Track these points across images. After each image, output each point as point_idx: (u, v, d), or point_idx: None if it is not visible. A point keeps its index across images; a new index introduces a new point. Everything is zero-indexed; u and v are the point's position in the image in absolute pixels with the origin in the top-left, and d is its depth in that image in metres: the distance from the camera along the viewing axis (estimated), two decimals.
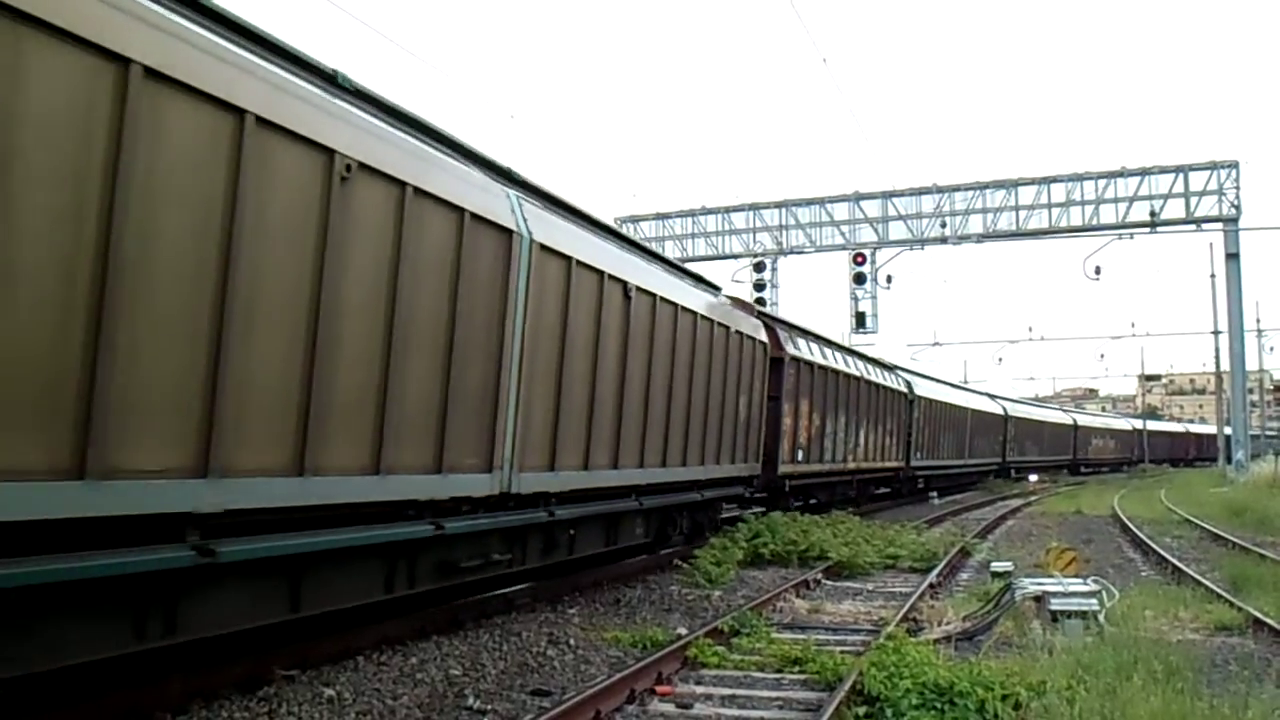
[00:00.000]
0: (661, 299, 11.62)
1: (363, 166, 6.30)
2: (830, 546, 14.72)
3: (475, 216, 7.71)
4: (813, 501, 20.86)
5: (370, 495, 6.61)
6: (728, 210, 38.85)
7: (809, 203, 37.79)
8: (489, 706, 6.57)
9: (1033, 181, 34.57)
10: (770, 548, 14.48)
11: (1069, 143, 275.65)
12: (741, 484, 15.80)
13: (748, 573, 13.28)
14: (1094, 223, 33.83)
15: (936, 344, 61.94)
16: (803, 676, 7.45)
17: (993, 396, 47.00)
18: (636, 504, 11.46)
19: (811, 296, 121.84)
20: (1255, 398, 56.72)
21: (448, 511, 7.57)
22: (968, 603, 10.63)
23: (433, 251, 7.21)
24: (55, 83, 4.43)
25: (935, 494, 33.20)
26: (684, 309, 12.38)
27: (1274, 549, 15.83)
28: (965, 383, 52.99)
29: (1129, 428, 73.96)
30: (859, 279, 33.10)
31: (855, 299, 33.03)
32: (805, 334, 20.24)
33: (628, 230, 31.39)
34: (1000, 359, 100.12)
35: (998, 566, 12.73)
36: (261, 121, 5.53)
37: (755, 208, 38.53)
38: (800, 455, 18.82)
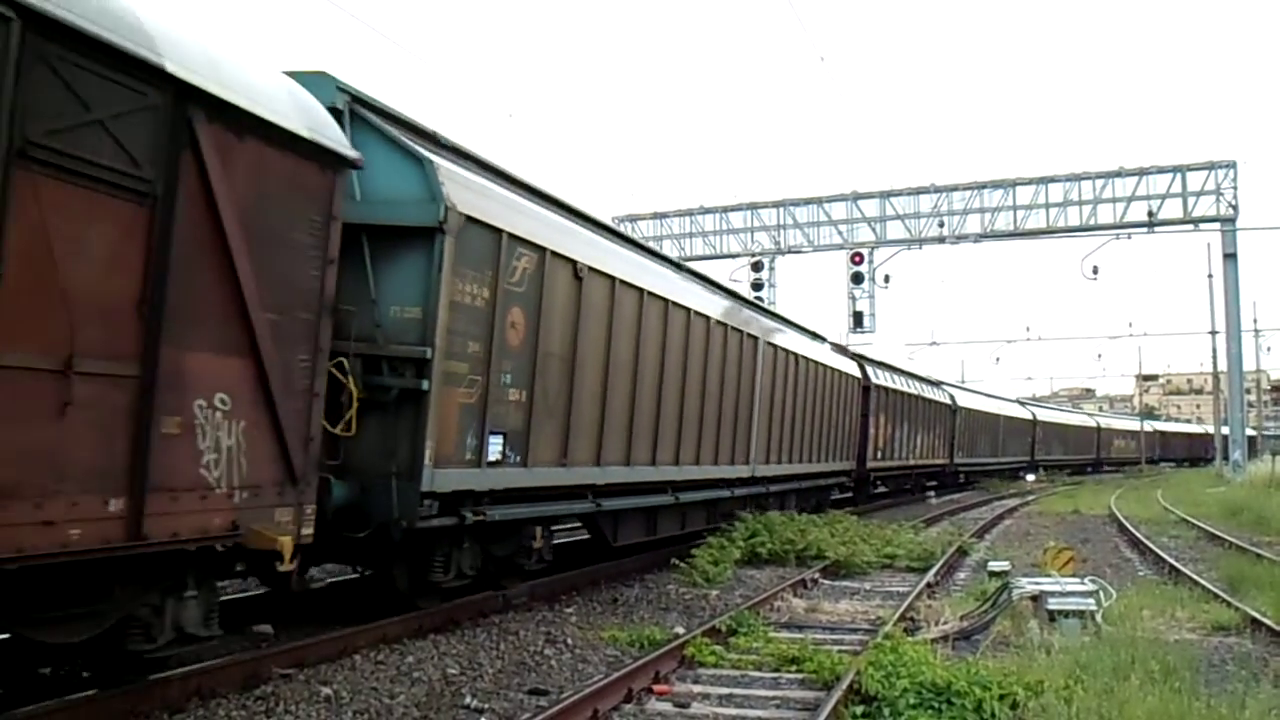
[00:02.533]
0: (813, 361, 19.47)
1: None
2: (827, 546, 14.70)
3: (750, 335, 15.62)
4: (881, 490, 28.97)
5: (714, 474, 14.32)
6: (725, 210, 38.85)
7: (807, 202, 37.81)
8: (486, 705, 6.56)
9: (1030, 181, 34.61)
10: (767, 547, 14.45)
11: (1067, 143, 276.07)
12: (845, 475, 23.44)
13: (745, 572, 13.27)
14: (1091, 222, 33.87)
15: (934, 344, 62.05)
16: (800, 676, 7.44)
17: (1023, 404, 54.87)
18: (797, 485, 19.18)
19: (809, 296, 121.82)
20: (1252, 398, 56.80)
21: (728, 485, 15.08)
22: (965, 602, 10.62)
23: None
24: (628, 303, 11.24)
25: (932, 493, 33.30)
26: (818, 363, 19.98)
27: (1271, 549, 15.84)
28: (964, 383, 53.55)
29: (1150, 429, 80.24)
30: (857, 278, 33.15)
31: (853, 298, 33.12)
32: (883, 365, 28.09)
33: (625, 229, 31.98)
34: (998, 359, 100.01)
35: (995, 566, 12.73)
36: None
37: (753, 207, 38.54)
38: (879, 455, 25.81)
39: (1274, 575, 12.06)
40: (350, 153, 6.79)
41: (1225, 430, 41.72)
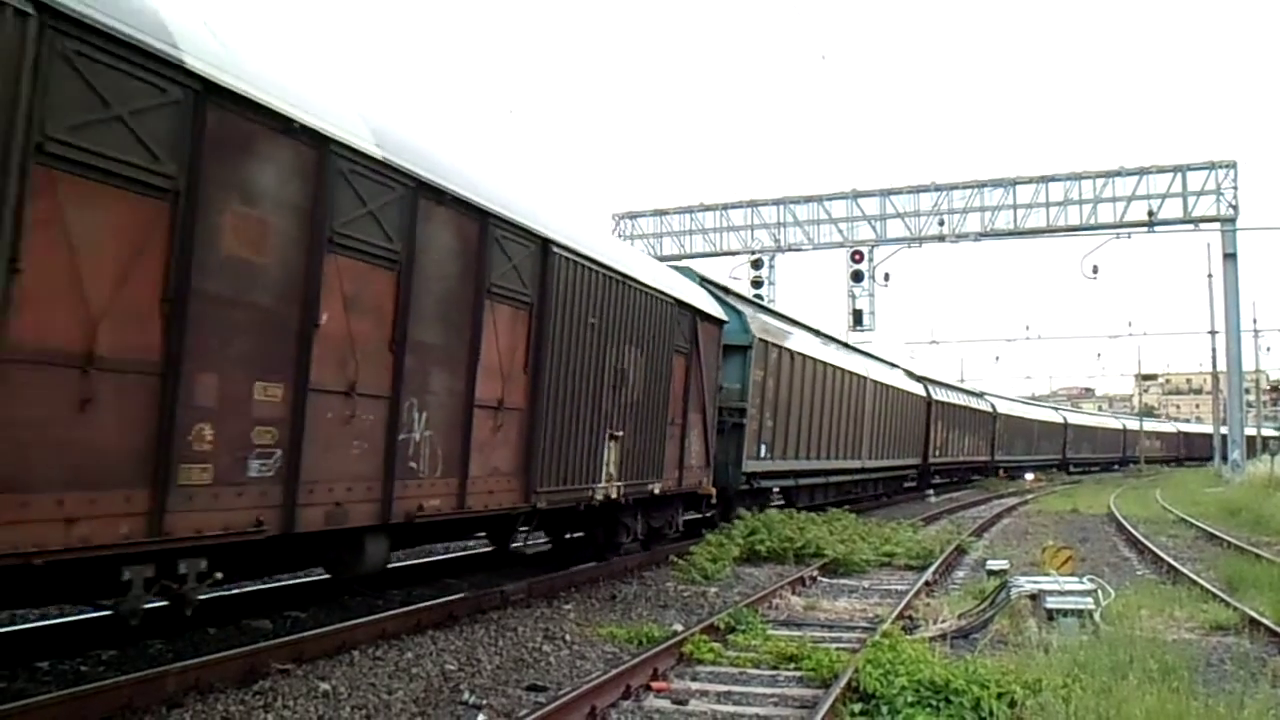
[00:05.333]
0: (894, 387, 27.53)
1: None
2: (826, 544, 14.69)
3: (861, 376, 24.10)
4: (936, 481, 35.56)
5: (844, 465, 22.93)
6: (726, 207, 38.84)
7: (807, 200, 37.80)
8: (484, 701, 6.55)
9: (1031, 180, 34.61)
10: (766, 545, 14.42)
11: (1067, 142, 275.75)
12: (913, 468, 31.27)
13: (744, 569, 13.26)
14: (1092, 222, 33.88)
15: (934, 342, 62.16)
16: (798, 673, 7.44)
17: (1055, 408, 64.88)
18: (885, 474, 28.13)
19: (809, 294, 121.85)
20: (1251, 398, 56.83)
21: (849, 472, 23.89)
22: (963, 601, 10.62)
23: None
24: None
25: (932, 492, 33.33)
26: (898, 388, 27.92)
27: (1269, 549, 15.83)
28: (962, 382, 53.98)
29: (1173, 430, 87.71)
30: (856, 276, 33.20)
31: (853, 296, 33.18)
32: (940, 384, 34.95)
33: (625, 226, 32.28)
34: (997, 357, 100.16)
35: (994, 565, 12.71)
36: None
37: (753, 205, 38.53)
38: (937, 453, 33.02)
39: (1272, 575, 12.06)
40: (725, 318, 14.62)
41: (1225, 430, 41.74)
